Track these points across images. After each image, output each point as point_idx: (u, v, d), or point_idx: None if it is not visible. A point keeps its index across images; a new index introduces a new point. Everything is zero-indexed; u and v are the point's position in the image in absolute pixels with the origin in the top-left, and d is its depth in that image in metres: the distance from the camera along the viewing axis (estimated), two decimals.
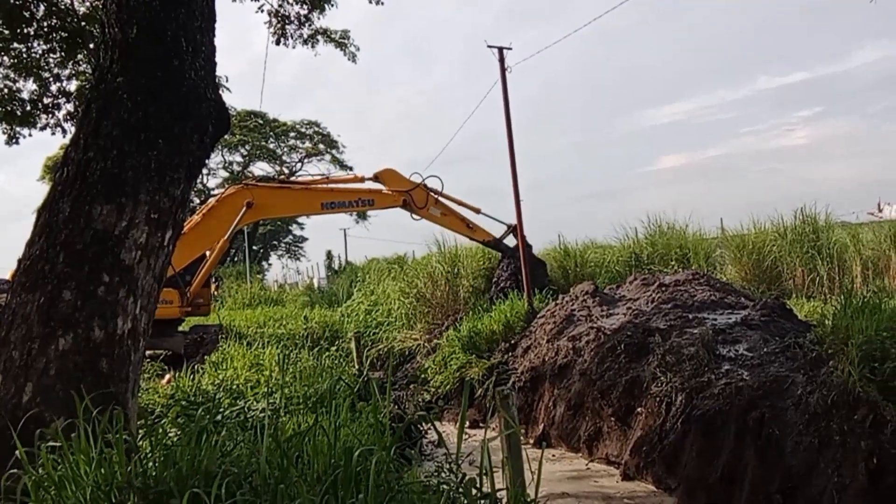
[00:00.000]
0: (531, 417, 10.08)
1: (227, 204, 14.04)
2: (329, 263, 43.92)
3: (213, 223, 13.67)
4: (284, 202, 15.26)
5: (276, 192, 15.09)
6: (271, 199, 14.69)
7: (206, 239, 13.71)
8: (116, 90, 4.85)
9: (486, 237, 15.68)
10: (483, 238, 15.71)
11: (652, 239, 16.86)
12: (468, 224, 15.47)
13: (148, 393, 8.40)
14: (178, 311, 14.31)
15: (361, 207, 15.86)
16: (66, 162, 4.81)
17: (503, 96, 13.82)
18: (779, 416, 6.56)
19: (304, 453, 3.52)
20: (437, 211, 15.16)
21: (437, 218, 15.23)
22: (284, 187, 15.64)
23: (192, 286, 14.63)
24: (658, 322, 9.40)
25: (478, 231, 15.62)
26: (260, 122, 43.51)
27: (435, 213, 15.15)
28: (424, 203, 14.89)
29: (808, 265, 13.95)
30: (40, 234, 4.62)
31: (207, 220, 13.66)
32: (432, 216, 15.16)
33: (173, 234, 5.00)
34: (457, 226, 15.50)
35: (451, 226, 15.56)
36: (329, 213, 16.79)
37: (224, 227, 13.79)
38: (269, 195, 14.70)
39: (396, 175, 15.13)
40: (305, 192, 15.31)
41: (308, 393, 7.44)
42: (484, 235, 15.66)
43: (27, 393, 4.24)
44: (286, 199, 15.14)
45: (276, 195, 14.92)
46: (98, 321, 4.44)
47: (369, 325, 17.64)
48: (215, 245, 14.20)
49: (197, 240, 13.40)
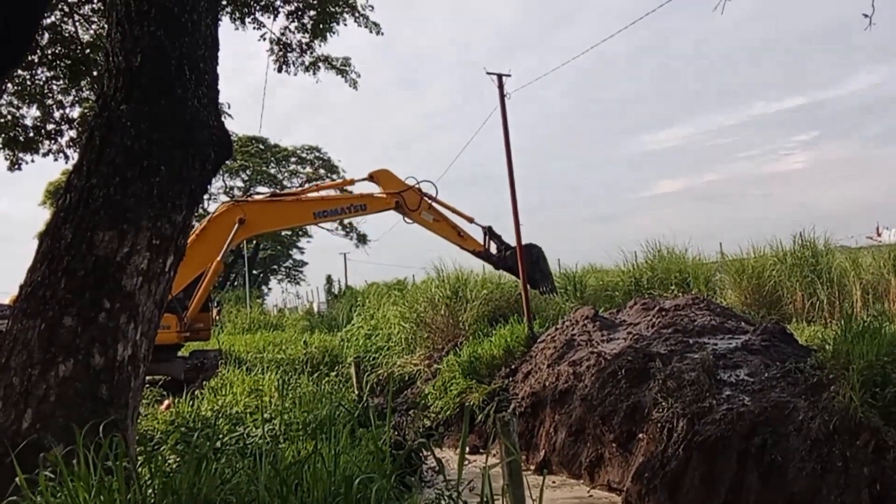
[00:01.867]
0: (532, 443, 10.02)
1: (219, 223, 13.90)
2: (329, 288, 43.82)
3: (206, 244, 13.47)
4: (276, 215, 15.14)
5: (266, 206, 14.99)
6: (262, 214, 14.60)
7: (200, 261, 13.38)
8: (120, 118, 4.90)
9: (476, 247, 15.63)
10: (473, 248, 15.63)
11: (651, 263, 16.89)
12: (459, 232, 15.37)
13: (147, 419, 8.36)
14: (175, 337, 14.14)
15: (354, 213, 15.61)
16: (69, 188, 4.85)
17: (502, 121, 13.92)
18: (781, 441, 6.53)
19: (303, 481, 3.50)
20: (430, 216, 15.01)
21: (429, 223, 15.06)
22: (275, 201, 15.49)
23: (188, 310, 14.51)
24: (659, 347, 9.38)
25: (468, 240, 15.54)
26: (261, 147, 43.75)
27: (427, 218, 14.99)
28: (417, 206, 14.78)
29: (808, 289, 13.95)
30: (42, 260, 4.64)
31: (200, 242, 13.37)
32: (424, 221, 15.00)
33: (175, 260, 5.02)
34: (447, 233, 15.34)
35: (441, 232, 15.33)
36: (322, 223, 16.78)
37: (217, 247, 13.61)
38: (260, 210, 14.62)
39: (391, 176, 15.02)
40: (296, 203, 15.19)
41: (307, 419, 7.41)
42: (474, 245, 15.60)
43: (27, 419, 4.23)
44: (277, 212, 15.02)
45: (266, 209, 14.82)
46: (98, 347, 4.44)
47: (369, 350, 17.59)
48: (209, 267, 13.98)
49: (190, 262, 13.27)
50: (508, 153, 13.90)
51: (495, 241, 15.77)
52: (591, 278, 17.95)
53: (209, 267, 14.02)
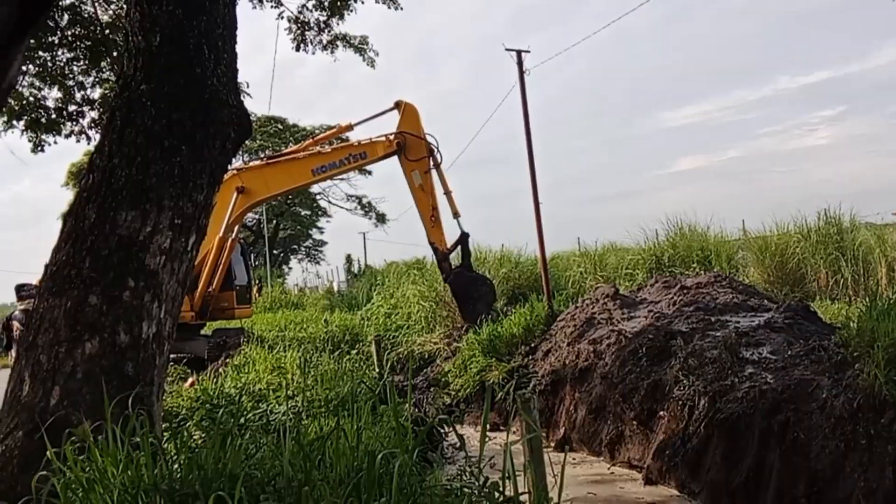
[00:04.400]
0: (552, 421, 10.05)
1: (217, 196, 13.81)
2: (348, 267, 44.08)
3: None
4: (275, 179, 14.29)
5: (264, 170, 14.33)
6: (261, 180, 14.07)
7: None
8: (140, 97, 4.92)
9: (441, 244, 13.69)
10: (437, 241, 13.68)
11: (673, 241, 16.74)
12: (433, 216, 13.53)
13: (172, 396, 8.49)
14: (188, 316, 14.11)
15: (355, 164, 14.29)
16: (92, 169, 4.89)
17: (521, 99, 13.82)
18: (803, 419, 6.48)
19: (326, 456, 3.54)
20: (419, 179, 13.45)
21: (414, 187, 13.49)
22: (272, 163, 14.59)
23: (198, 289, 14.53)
24: (680, 325, 9.33)
25: (436, 231, 13.64)
26: (279, 127, 43.86)
27: (416, 179, 13.46)
28: (418, 159, 13.35)
29: (833, 267, 13.77)
30: (66, 239, 4.69)
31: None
32: (412, 179, 13.48)
33: (197, 239, 5.06)
34: (424, 208, 13.56)
35: (419, 204, 13.62)
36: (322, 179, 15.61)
37: (218, 221, 13.08)
38: (259, 175, 14.13)
39: (415, 116, 13.55)
40: (293, 162, 14.24)
41: (329, 396, 7.49)
42: (439, 240, 13.67)
43: (55, 396, 4.31)
44: (276, 175, 14.19)
45: (265, 174, 14.19)
46: (123, 325, 4.50)
47: (389, 329, 17.67)
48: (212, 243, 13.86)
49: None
50: (528, 131, 13.80)
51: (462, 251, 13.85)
52: (611, 257, 17.85)
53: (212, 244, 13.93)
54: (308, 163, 13.97)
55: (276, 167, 14.29)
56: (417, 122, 13.52)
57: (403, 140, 13.36)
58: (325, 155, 14.01)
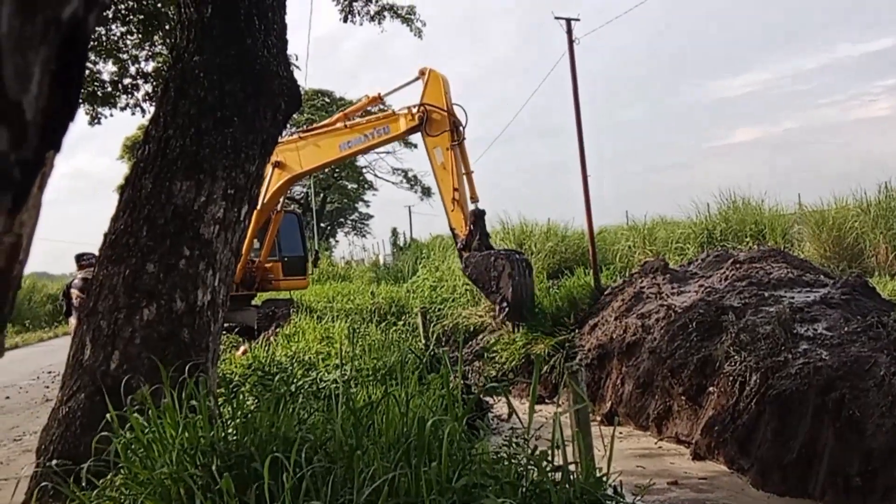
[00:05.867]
0: (598, 395, 10.00)
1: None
2: (394, 241, 44.39)
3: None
4: (306, 155, 13.80)
5: (298, 144, 14.09)
6: (295, 155, 13.84)
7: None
8: (193, 69, 4.99)
9: (461, 229, 12.47)
10: (456, 227, 12.55)
11: (725, 215, 16.37)
12: (454, 198, 12.33)
13: (225, 363, 8.72)
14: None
15: (380, 139, 13.39)
16: (147, 140, 5.00)
17: (571, 68, 13.57)
18: (859, 397, 6.31)
19: (376, 422, 3.60)
20: (441, 157, 12.28)
21: (436, 164, 12.38)
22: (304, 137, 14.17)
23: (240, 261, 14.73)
24: (732, 300, 9.14)
25: (457, 215, 12.46)
26: (327, 100, 44.05)
27: (437, 157, 12.32)
28: (439, 133, 12.17)
29: (893, 242, 13.30)
30: (124, 209, 4.82)
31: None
32: (434, 157, 12.38)
33: (249, 209, 5.15)
34: (445, 189, 12.42)
35: (441, 183, 12.51)
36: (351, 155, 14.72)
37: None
38: (293, 149, 13.92)
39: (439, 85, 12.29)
40: (324, 136, 13.78)
41: (377, 365, 7.58)
42: (459, 224, 12.47)
43: (115, 360, 4.47)
44: (307, 150, 13.81)
45: (298, 149, 13.95)
46: (180, 293, 4.63)
47: (434, 301, 17.76)
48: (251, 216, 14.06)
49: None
50: (576, 101, 13.57)
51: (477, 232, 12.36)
52: (660, 230, 17.57)
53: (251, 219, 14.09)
54: (336, 139, 13.57)
55: (307, 142, 14.05)
56: (441, 93, 12.29)
57: (426, 113, 12.26)
58: (351, 130, 13.39)
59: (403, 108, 12.71)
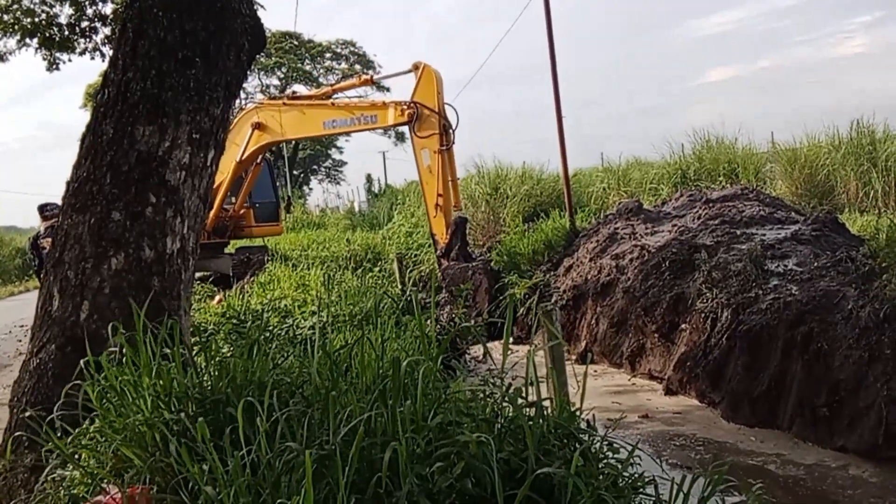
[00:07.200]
0: (573, 335, 10.15)
1: (239, 125, 13.67)
2: (369, 187, 44.04)
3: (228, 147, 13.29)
4: (289, 123, 13.73)
5: (281, 109, 13.88)
6: (276, 120, 13.71)
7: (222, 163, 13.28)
8: (151, 8, 4.78)
9: (441, 235, 12.10)
10: (437, 234, 12.19)
11: (699, 154, 16.43)
12: (437, 203, 11.90)
13: (200, 313, 8.67)
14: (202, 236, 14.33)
15: (364, 126, 13.21)
16: (107, 83, 4.81)
17: (545, 9, 13.30)
18: (828, 330, 6.46)
19: (352, 365, 3.60)
20: (428, 160, 11.83)
21: (422, 167, 11.95)
22: (289, 104, 13.97)
23: (212, 210, 14.61)
24: (704, 238, 9.24)
25: (439, 222, 12.06)
26: (295, 43, 42.99)
27: (424, 158, 11.88)
28: (428, 135, 11.74)
29: (863, 179, 13.47)
30: (86, 155, 4.67)
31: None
32: (421, 159, 11.94)
33: (216, 155, 5.02)
34: (429, 193, 12.01)
35: (425, 186, 12.09)
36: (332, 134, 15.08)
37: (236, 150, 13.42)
38: (274, 114, 13.78)
39: (432, 83, 11.76)
40: (309, 109, 13.64)
41: (353, 311, 7.58)
42: (440, 231, 12.09)
43: (84, 310, 4.39)
44: (290, 118, 13.67)
45: (281, 114, 13.76)
46: (148, 241, 4.53)
47: (410, 247, 17.77)
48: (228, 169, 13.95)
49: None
50: (551, 44, 13.33)
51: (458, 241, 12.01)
52: (635, 172, 17.60)
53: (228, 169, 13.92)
54: (321, 115, 13.40)
55: (291, 110, 13.82)
56: (434, 93, 11.74)
57: (417, 110, 11.78)
58: (338, 109, 13.30)
59: (393, 101, 12.40)
